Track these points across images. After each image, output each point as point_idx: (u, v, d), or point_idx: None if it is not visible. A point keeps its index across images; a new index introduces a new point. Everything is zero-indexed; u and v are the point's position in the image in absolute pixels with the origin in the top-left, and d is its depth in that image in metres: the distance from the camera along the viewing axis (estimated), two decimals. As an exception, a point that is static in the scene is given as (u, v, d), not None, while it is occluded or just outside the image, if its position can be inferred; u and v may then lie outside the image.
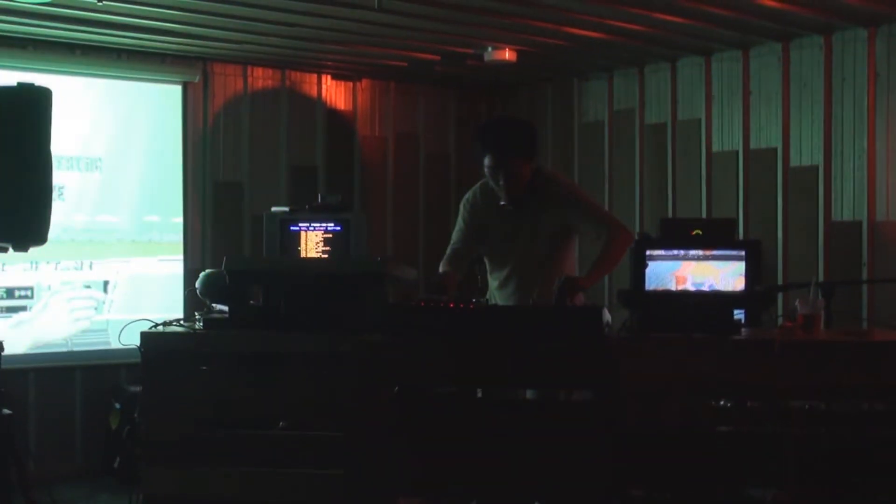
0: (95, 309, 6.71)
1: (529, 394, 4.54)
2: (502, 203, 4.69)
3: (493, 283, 4.87)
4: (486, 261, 4.91)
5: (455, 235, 4.91)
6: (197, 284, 4.52)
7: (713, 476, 4.01)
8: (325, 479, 4.14)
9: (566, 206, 4.70)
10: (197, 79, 7.03)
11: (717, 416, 4.18)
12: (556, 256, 4.71)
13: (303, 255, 6.16)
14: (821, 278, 6.15)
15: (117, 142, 6.80)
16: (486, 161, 4.62)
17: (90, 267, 6.71)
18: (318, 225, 6.31)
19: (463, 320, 4.08)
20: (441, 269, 4.78)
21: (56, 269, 6.57)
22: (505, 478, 4.03)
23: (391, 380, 4.12)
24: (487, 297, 4.87)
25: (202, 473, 4.23)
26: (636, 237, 4.87)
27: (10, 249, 4.01)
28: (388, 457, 4.07)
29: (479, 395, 4.31)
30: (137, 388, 5.89)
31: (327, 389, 4.15)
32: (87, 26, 6.02)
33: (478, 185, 4.86)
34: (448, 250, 4.89)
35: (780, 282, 6.37)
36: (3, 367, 4.27)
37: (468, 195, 4.90)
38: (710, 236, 4.78)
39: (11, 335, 6.34)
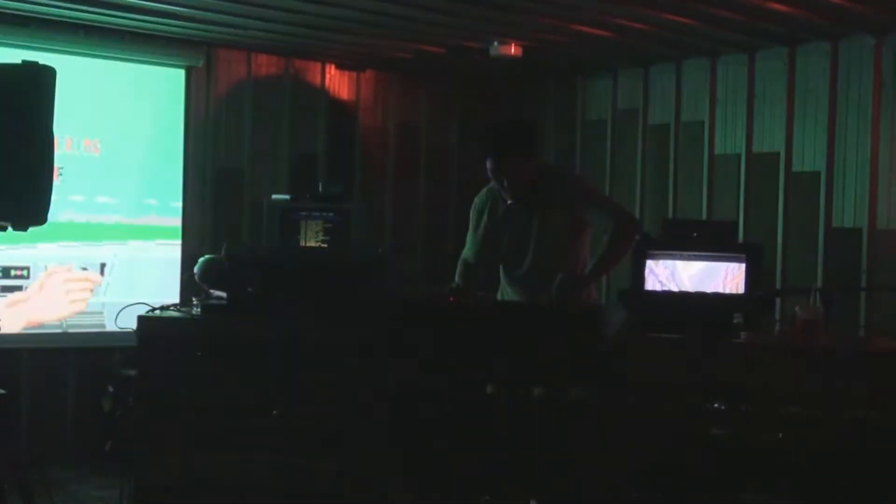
0: (91, 291, 6.69)
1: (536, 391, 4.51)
2: (509, 202, 4.66)
3: (509, 281, 4.79)
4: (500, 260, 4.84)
5: (467, 244, 4.87)
6: (195, 270, 4.51)
7: (708, 480, 4.00)
8: (319, 468, 4.13)
9: (571, 200, 4.65)
10: (201, 63, 7.00)
11: (712, 419, 4.17)
12: (570, 253, 4.65)
13: (303, 243, 6.16)
14: (819, 284, 6.14)
15: (118, 123, 6.76)
16: (488, 164, 4.59)
17: (87, 248, 6.69)
18: (319, 214, 6.31)
19: (463, 316, 4.07)
20: (456, 283, 4.72)
21: (53, 249, 6.55)
22: (500, 475, 4.02)
23: (388, 372, 4.11)
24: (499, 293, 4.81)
25: (195, 459, 4.23)
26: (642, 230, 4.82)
27: (9, 228, 3.99)
28: (382, 450, 4.06)
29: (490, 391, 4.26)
30: (132, 372, 5.87)
31: (322, 379, 4.15)
32: (92, 6, 5.99)
33: (485, 188, 4.81)
34: (459, 265, 4.86)
35: (778, 286, 6.36)
36: (-2, 346, 4.27)
37: (476, 200, 4.87)
38: (711, 239, 4.77)
39: (6, 315, 6.33)
